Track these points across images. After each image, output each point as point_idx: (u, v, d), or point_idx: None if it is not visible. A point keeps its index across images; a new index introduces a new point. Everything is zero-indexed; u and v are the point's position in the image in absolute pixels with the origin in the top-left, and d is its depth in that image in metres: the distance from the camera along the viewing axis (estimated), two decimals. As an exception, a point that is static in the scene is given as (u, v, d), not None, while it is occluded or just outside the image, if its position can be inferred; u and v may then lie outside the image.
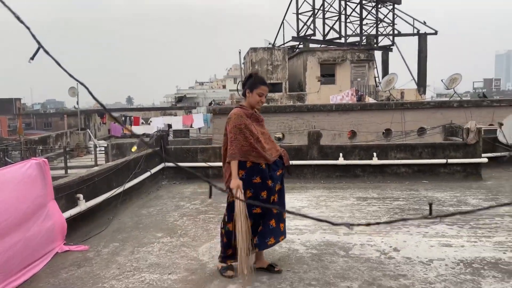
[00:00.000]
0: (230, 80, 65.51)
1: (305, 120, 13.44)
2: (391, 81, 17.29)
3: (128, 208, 5.91)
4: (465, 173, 7.38)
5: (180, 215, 5.50)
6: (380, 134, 13.07)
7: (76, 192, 4.71)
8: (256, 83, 3.43)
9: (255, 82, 3.43)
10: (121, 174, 5.89)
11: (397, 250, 4.08)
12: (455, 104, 13.69)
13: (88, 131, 20.32)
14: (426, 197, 6.21)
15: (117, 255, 4.13)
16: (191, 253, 4.13)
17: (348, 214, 5.38)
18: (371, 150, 7.54)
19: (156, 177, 7.35)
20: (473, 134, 7.21)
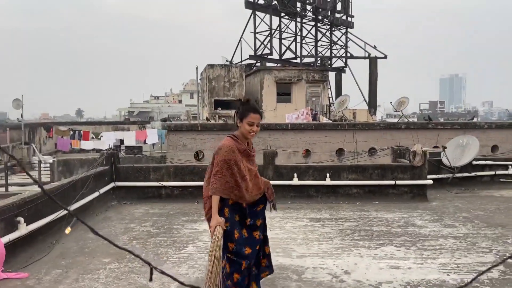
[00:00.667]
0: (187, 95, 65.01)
1: (261, 138, 13.52)
2: (344, 102, 17.92)
3: (73, 231, 5.58)
4: (412, 194, 7.71)
5: (130, 239, 5.28)
6: (334, 154, 13.41)
7: (16, 215, 4.39)
8: (245, 111, 3.10)
9: (245, 110, 3.11)
10: (67, 194, 5.59)
11: (348, 273, 4.14)
12: (403, 126, 14.37)
13: (33, 145, 19.22)
14: (376, 218, 6.39)
15: (60, 283, 3.87)
16: (140, 280, 3.96)
17: (301, 236, 5.41)
18: (325, 170, 7.70)
19: (105, 197, 7.04)
20: (419, 156, 7.57)
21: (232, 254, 3.03)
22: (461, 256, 4.56)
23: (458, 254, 4.63)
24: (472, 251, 4.72)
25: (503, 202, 7.55)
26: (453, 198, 7.99)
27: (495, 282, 3.83)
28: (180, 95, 71.31)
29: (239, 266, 3.02)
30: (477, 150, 8.92)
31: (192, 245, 5.04)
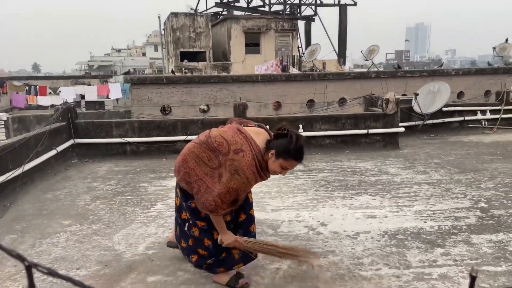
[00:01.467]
0: (150, 47, 62.21)
1: (231, 91, 13.07)
2: (314, 51, 17.49)
3: (30, 192, 5.16)
4: (384, 143, 7.66)
5: (93, 198, 4.93)
6: (304, 105, 13.20)
7: (-42, 178, 3.92)
8: (289, 152, 2.42)
9: (288, 152, 2.42)
10: (19, 153, 5.09)
11: (325, 224, 4.01)
12: (373, 75, 14.23)
13: (-15, 102, 17.90)
14: (349, 168, 6.30)
15: (15, 250, 3.52)
16: (104, 243, 3.67)
17: (275, 189, 5.24)
18: (298, 122, 7.46)
19: (65, 156, 6.55)
20: (392, 104, 7.45)
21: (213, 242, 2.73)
22: (436, 203, 4.52)
23: (433, 201, 4.59)
24: (447, 197, 4.70)
25: (472, 147, 7.64)
26: (423, 145, 8.02)
27: (473, 228, 3.80)
28: (143, 47, 68.15)
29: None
30: (448, 96, 8.92)
31: (161, 203, 4.76)
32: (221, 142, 2.48)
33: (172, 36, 22.46)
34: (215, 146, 2.49)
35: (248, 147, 2.43)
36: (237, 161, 2.39)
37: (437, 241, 3.52)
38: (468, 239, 3.55)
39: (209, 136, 2.55)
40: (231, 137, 2.48)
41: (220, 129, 2.64)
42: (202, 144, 2.54)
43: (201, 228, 2.71)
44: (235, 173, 2.38)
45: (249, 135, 2.50)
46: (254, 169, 2.41)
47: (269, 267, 3.14)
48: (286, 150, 2.42)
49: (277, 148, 2.44)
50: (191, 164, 2.54)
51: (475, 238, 3.55)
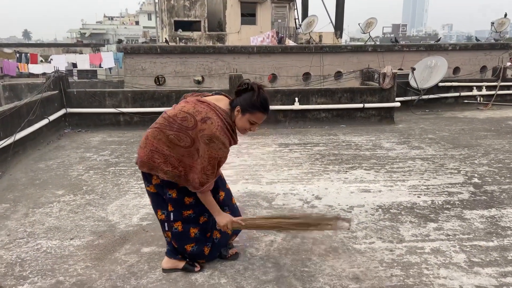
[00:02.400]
0: (144, 16, 60.65)
1: (226, 62, 12.84)
2: (311, 23, 17.15)
3: (22, 161, 5.10)
4: (380, 117, 7.63)
5: (86, 168, 4.88)
6: (300, 78, 13.06)
7: None
8: (254, 105, 2.33)
9: (253, 104, 2.33)
10: (11, 122, 4.99)
11: (319, 198, 4.03)
12: (369, 48, 14.04)
13: (-26, 69, 17.47)
14: (344, 142, 6.29)
15: (7, 219, 3.51)
16: (98, 213, 3.66)
17: (270, 162, 5.22)
18: (293, 95, 7.39)
19: (57, 125, 6.46)
20: (389, 78, 7.37)
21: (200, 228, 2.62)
22: (430, 178, 4.54)
23: (427, 176, 4.61)
24: (441, 172, 4.72)
25: (467, 123, 7.65)
26: (418, 120, 8.01)
27: (466, 203, 3.83)
28: (136, 15, 66.42)
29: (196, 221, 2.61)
30: (445, 71, 8.85)
31: (155, 173, 4.73)
32: (184, 117, 2.35)
33: (166, 4, 21.87)
34: (179, 123, 2.35)
35: (213, 113, 2.34)
36: (207, 129, 2.28)
37: (430, 216, 3.55)
38: (461, 214, 3.58)
39: (169, 116, 2.40)
40: (192, 109, 2.36)
41: (179, 106, 2.46)
42: (165, 128, 2.38)
43: (186, 218, 2.55)
44: (210, 141, 2.28)
45: (211, 102, 2.40)
46: (226, 131, 2.34)
47: (264, 239, 3.15)
48: (250, 104, 2.33)
49: (242, 104, 2.35)
50: (165, 151, 2.37)
51: (468, 214, 3.59)
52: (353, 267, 2.75)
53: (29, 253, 2.97)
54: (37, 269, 2.74)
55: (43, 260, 2.86)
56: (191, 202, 2.52)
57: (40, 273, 2.70)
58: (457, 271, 2.68)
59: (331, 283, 2.57)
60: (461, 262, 2.79)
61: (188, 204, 2.53)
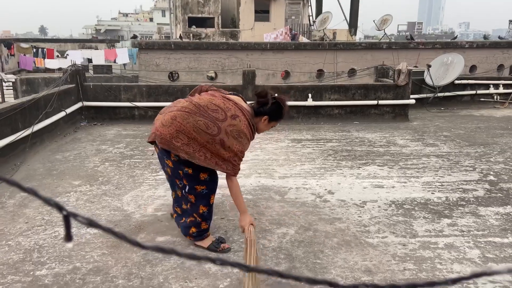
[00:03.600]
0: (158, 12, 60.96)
1: (239, 58, 12.87)
2: (325, 20, 17.06)
3: (39, 152, 5.21)
4: (394, 114, 7.58)
5: (102, 160, 4.97)
6: (313, 75, 13.01)
7: (-31, 135, 3.95)
8: (278, 118, 2.78)
9: (278, 117, 2.77)
10: (29, 114, 5.10)
11: (332, 192, 4.03)
12: (384, 46, 13.91)
13: (-7, 64, 17.83)
14: (357, 138, 6.26)
15: (26, 207, 3.60)
16: (114, 203, 3.72)
17: (283, 157, 5.24)
18: (306, 91, 7.38)
19: (73, 118, 6.57)
20: (404, 75, 7.31)
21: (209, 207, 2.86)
22: (445, 175, 4.51)
23: (441, 173, 4.58)
24: (456, 170, 4.68)
25: (483, 121, 7.54)
26: (433, 118, 7.93)
27: (481, 200, 3.79)
28: (151, 12, 66.83)
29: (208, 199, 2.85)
30: (462, 68, 8.73)
31: (169, 166, 4.79)
32: (215, 109, 2.59)
33: (180, 0, 21.97)
34: (210, 113, 2.57)
35: (240, 112, 2.63)
36: (237, 126, 2.57)
37: (444, 212, 3.53)
38: (476, 211, 3.55)
39: (199, 104, 2.61)
40: (223, 105, 2.62)
41: (206, 97, 2.70)
42: (195, 114, 2.57)
43: (199, 193, 2.76)
44: (239, 136, 2.58)
45: (237, 102, 2.70)
46: (250, 130, 2.68)
47: (276, 231, 3.18)
48: (279, 115, 2.76)
49: (270, 114, 2.73)
50: (191, 133, 2.55)
51: (483, 210, 3.56)
52: (365, 260, 2.75)
53: (46, 240, 3.04)
54: (55, 255, 2.81)
55: (61, 247, 2.92)
56: (205, 178, 2.74)
57: (58, 259, 2.76)
58: (471, 267, 2.67)
59: (343, 275, 2.58)
60: (475, 258, 2.77)
61: (203, 180, 2.74)
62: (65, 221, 0.57)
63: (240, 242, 3.01)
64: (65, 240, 0.57)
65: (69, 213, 0.57)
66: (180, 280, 2.52)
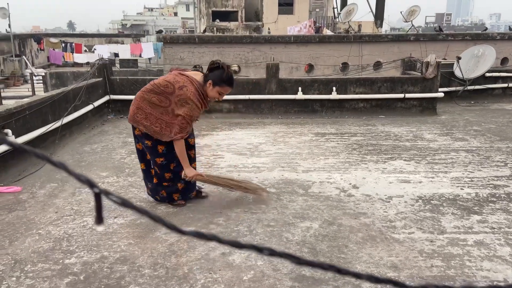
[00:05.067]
0: (182, 6, 61.40)
1: (262, 52, 12.82)
2: (350, 11, 16.75)
3: (68, 144, 5.36)
4: (421, 108, 7.39)
5: (128, 153, 5.06)
6: (338, 68, 12.83)
7: (3, 127, 4.09)
8: (222, 80, 3.14)
9: (222, 80, 3.13)
10: (58, 106, 5.24)
11: (357, 187, 3.98)
12: (411, 37, 13.55)
13: (24, 58, 18.40)
14: (383, 132, 6.15)
15: (55, 197, 3.71)
16: (140, 194, 3.79)
17: (306, 151, 5.20)
18: (331, 84, 7.28)
19: (101, 111, 6.72)
20: (432, 68, 7.11)
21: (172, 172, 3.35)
22: (475, 170, 4.37)
23: (471, 168, 4.44)
24: (486, 165, 4.53)
25: (515, 116, 7.27)
26: (462, 111, 7.70)
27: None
28: (175, 7, 67.35)
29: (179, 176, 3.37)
30: (493, 60, 8.42)
31: (193, 159, 4.83)
32: (165, 85, 3.12)
33: (204, -6, 22.03)
34: (162, 89, 3.12)
35: (189, 82, 3.11)
36: (183, 94, 3.06)
37: (473, 208, 3.43)
38: (507, 207, 3.43)
39: (154, 84, 3.17)
40: (173, 79, 3.14)
41: (161, 77, 3.28)
42: (150, 91, 3.16)
43: (160, 164, 3.29)
44: (186, 103, 3.07)
45: (189, 75, 3.18)
46: (198, 97, 3.12)
47: (300, 225, 3.16)
48: (220, 79, 3.12)
49: (213, 78, 3.13)
50: (147, 109, 3.15)
51: (515, 207, 3.43)
52: (391, 256, 2.71)
53: (75, 229, 3.13)
54: (83, 244, 2.89)
55: (89, 236, 3.00)
56: (163, 150, 3.24)
57: (86, 248, 2.84)
58: (502, 264, 2.58)
59: (369, 270, 2.55)
60: (506, 256, 2.68)
61: (161, 152, 3.24)
62: (96, 201, 0.57)
63: (264, 235, 3.01)
64: (96, 222, 0.58)
65: (101, 191, 0.57)
66: (205, 271, 2.54)
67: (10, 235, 3.01)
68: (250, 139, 5.79)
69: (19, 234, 3.03)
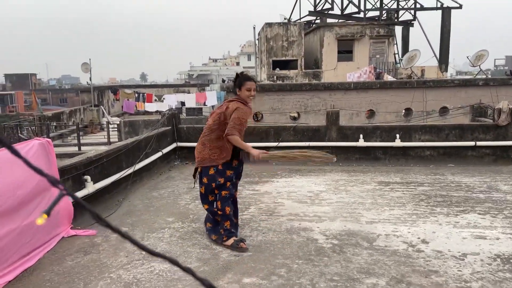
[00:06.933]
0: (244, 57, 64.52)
1: (322, 98, 12.97)
2: (413, 57, 16.54)
3: (139, 189, 5.69)
4: (495, 157, 6.94)
5: (192, 198, 5.25)
6: (400, 114, 12.54)
7: (84, 173, 4.47)
8: (242, 80, 3.74)
9: (242, 80, 3.75)
10: (132, 154, 5.64)
11: (426, 242, 3.76)
12: (480, 82, 13.00)
13: (102, 107, 20.20)
14: (453, 182, 5.82)
15: (126, 242, 3.89)
16: (203, 241, 3.88)
17: (370, 200, 5.05)
18: (394, 131, 7.13)
19: (168, 157, 7.10)
20: (505, 115, 6.72)
21: (228, 191, 3.76)
22: (562, 228, 3.96)
23: (557, 225, 4.03)
24: None
25: None
26: (543, 162, 7.08)
27: None
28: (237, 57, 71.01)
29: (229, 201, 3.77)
30: None
31: (254, 207, 4.90)
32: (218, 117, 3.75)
33: (265, 45, 23.05)
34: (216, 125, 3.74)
35: (227, 102, 3.79)
36: (231, 108, 3.66)
37: None
38: None
39: (209, 125, 3.83)
40: (219, 110, 3.81)
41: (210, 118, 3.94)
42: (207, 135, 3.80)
43: (224, 197, 3.71)
44: (236, 110, 3.62)
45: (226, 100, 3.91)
46: (241, 104, 3.69)
47: (365, 281, 3.03)
48: (239, 82, 3.75)
49: (237, 86, 3.76)
50: (217, 143, 3.73)
51: None
52: (468, 322, 2.48)
53: (144, 274, 3.25)
54: (151, 289, 2.99)
55: (156, 282, 3.11)
56: (229, 186, 3.76)
57: (153, 293, 2.93)
58: None
59: (443, 336, 2.35)
60: None
61: (228, 186, 3.76)
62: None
63: None
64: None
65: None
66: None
67: (84, 277, 3.20)
68: (310, 186, 5.76)
69: (92, 277, 3.21)
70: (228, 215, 3.73)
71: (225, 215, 3.73)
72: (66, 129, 16.04)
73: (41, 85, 63.56)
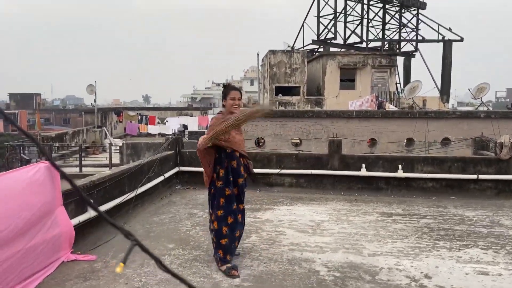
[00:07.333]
0: (247, 81, 65.32)
1: (324, 126, 13.05)
2: (415, 88, 16.74)
3: (140, 214, 5.66)
4: (497, 190, 6.92)
5: (193, 225, 5.22)
6: (402, 143, 12.59)
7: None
8: (227, 90, 3.88)
9: (227, 90, 3.88)
10: (134, 178, 5.65)
11: (429, 277, 3.71)
12: (482, 115, 13.10)
13: (105, 129, 20.31)
14: (456, 216, 5.79)
15: (126, 267, 3.86)
16: (203, 269, 3.84)
17: (372, 232, 5.02)
18: (396, 162, 7.14)
19: (170, 182, 7.10)
20: (507, 149, 6.75)
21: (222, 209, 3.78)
22: None
23: (562, 263, 3.98)
24: None
25: None
26: (545, 196, 7.06)
27: None
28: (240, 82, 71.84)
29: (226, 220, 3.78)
30: None
31: (255, 235, 4.86)
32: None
33: (269, 71, 23.38)
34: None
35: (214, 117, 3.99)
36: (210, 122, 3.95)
37: None
38: None
39: None
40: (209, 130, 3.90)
41: None
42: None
43: (220, 217, 3.75)
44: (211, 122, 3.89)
45: None
46: (218, 116, 3.88)
47: (368, 317, 2.98)
48: (224, 92, 3.90)
49: (223, 96, 3.90)
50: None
51: None
52: None
53: None
54: (149, 319, 2.94)
55: (155, 311, 3.06)
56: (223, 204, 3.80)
57: (152, 323, 2.88)
58: None
59: None
60: None
61: (222, 205, 3.80)
62: None
63: None
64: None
65: None
66: None
67: (83, 303, 3.16)
68: (312, 215, 5.73)
69: (91, 303, 3.17)
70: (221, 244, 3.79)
71: (219, 243, 3.79)
72: (68, 150, 16.09)
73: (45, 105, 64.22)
